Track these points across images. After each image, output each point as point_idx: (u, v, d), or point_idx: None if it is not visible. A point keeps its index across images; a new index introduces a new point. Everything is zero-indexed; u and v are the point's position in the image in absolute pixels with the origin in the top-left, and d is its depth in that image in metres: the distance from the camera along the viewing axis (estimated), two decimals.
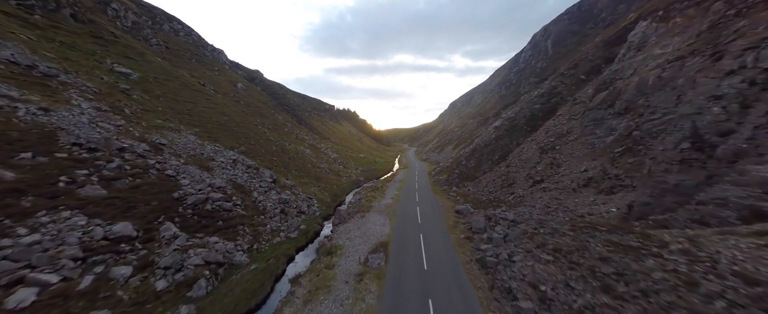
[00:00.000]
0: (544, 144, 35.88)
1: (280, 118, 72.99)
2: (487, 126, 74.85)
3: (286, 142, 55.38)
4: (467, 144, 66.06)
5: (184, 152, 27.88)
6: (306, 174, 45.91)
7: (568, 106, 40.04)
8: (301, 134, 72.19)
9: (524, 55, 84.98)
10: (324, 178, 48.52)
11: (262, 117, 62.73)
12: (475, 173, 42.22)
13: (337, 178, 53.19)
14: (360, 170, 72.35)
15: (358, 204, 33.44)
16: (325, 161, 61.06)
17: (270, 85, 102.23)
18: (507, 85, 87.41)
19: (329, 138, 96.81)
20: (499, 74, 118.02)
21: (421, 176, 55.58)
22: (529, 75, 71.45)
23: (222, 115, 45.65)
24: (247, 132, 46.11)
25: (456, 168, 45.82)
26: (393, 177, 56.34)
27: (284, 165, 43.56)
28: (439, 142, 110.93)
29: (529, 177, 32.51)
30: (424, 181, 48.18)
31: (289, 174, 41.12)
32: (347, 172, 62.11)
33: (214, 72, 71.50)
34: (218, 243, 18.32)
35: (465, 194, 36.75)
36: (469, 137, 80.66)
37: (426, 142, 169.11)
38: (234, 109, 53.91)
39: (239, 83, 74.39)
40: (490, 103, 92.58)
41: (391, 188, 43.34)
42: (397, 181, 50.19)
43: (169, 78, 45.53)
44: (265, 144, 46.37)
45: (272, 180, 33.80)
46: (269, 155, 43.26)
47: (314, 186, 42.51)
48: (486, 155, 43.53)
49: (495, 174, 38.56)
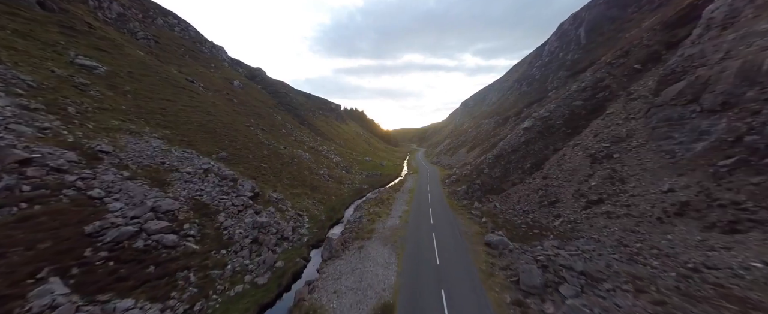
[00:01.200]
0: (595, 150, 28.19)
1: (278, 118, 67.35)
2: (507, 126, 66.86)
3: (282, 145, 49.38)
4: (486, 147, 58.40)
5: (134, 162, 21.91)
6: (301, 182, 39.65)
7: (621, 101, 32.09)
8: (301, 136, 66.27)
9: (549, 47, 76.26)
10: (322, 187, 42.14)
11: (257, 117, 57.08)
12: (501, 185, 34.79)
13: (337, 187, 46.76)
14: (365, 175, 65.80)
15: (357, 226, 26.76)
16: (325, 166, 54.78)
17: (272, 83, 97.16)
18: (528, 81, 78.87)
19: (333, 139, 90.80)
20: (518, 70, 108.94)
21: (433, 184, 48.42)
22: (557, 68, 62.99)
23: (206, 115, 39.97)
24: (235, 134, 40.26)
25: (477, 178, 38.48)
26: (401, 186, 49.44)
27: (275, 173, 37.42)
28: (452, 144, 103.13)
29: (580, 195, 24.97)
30: (437, 192, 41.06)
31: (278, 185, 34.91)
32: (350, 178, 55.65)
33: (210, 69, 66.56)
34: (132, 310, 11.94)
35: (491, 213, 29.47)
36: (486, 139, 72.79)
37: (436, 142, 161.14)
38: (224, 108, 48.33)
39: (236, 81, 69.21)
40: (509, 101, 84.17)
41: (398, 201, 36.47)
42: (406, 191, 43.25)
43: (149, 73, 40.19)
44: (254, 148, 40.40)
45: (253, 193, 27.57)
46: (257, 161, 37.20)
47: (308, 198, 36.14)
48: (514, 162, 36.00)
49: (529, 188, 31.07)
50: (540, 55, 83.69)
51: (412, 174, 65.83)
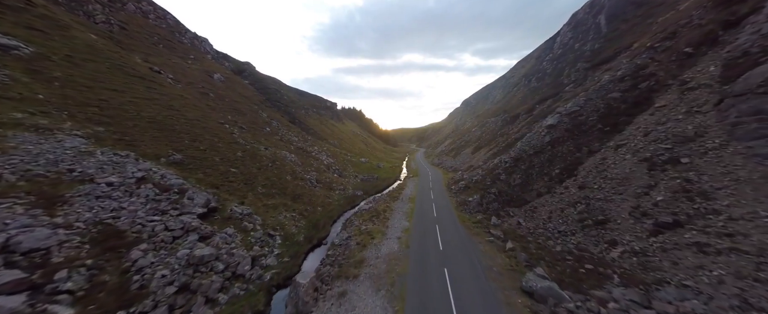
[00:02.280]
0: (651, 153, 21.81)
1: (264, 115, 60.67)
2: (517, 124, 60.56)
3: (262, 146, 42.75)
4: (497, 147, 52.03)
5: (18, 170, 15.29)
6: (280, 190, 33.07)
7: (674, 92, 25.76)
8: (289, 135, 59.61)
9: (561, 39, 70.03)
10: (306, 196, 35.57)
11: (237, 113, 50.42)
12: (523, 195, 28.38)
13: (326, 194, 40.21)
14: (360, 179, 59.26)
15: (341, 254, 20.24)
16: (314, 169, 48.20)
17: (261, 78, 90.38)
18: (538, 76, 72.63)
19: (327, 139, 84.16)
20: (524, 66, 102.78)
21: (437, 191, 41.97)
22: (573, 60, 56.72)
23: (165, 109, 33.30)
24: (201, 132, 33.63)
25: (492, 186, 32.04)
26: (400, 192, 42.95)
27: (247, 180, 30.82)
28: (454, 144, 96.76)
29: (642, 214, 18.57)
30: (443, 202, 34.60)
31: (249, 194, 28.31)
32: (343, 183, 49.11)
33: (188, 60, 59.78)
34: None
35: (516, 234, 23.04)
36: (493, 138, 66.49)
37: (436, 142, 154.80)
38: (194, 102, 41.67)
39: (217, 74, 62.45)
40: (517, 98, 77.89)
41: (397, 214, 29.98)
42: (406, 200, 36.76)
43: (96, 59, 33.44)
44: (225, 148, 33.78)
45: (206, 209, 20.99)
46: (226, 165, 30.59)
47: (287, 210, 29.59)
48: (538, 167, 29.61)
49: (561, 200, 24.66)
50: (550, 48, 77.46)
51: (412, 178, 59.37)
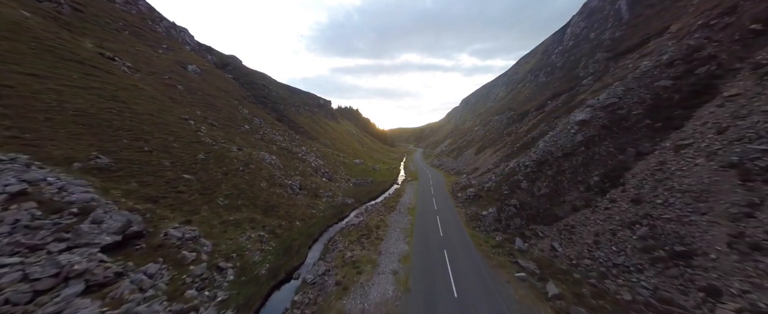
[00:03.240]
0: (739, 157, 15.93)
1: (245, 111, 54.16)
2: (526, 121, 54.85)
3: (235, 146, 36.36)
4: (507, 147, 46.17)
5: None
6: (249, 201, 26.80)
7: (746, 77, 20.00)
8: (273, 134, 53.20)
9: (572, 29, 64.49)
10: (284, 206, 29.34)
11: (209, 108, 43.94)
12: (552, 208, 22.44)
13: (310, 203, 33.98)
14: (352, 183, 53.08)
15: (314, 300, 14.06)
16: (298, 173, 41.93)
17: (247, 73, 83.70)
18: (546, 70, 67.03)
19: (318, 138, 77.81)
20: (529, 61, 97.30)
21: (440, 199, 35.97)
22: (590, 51, 51.09)
23: (105, 101, 26.83)
24: (151, 129, 27.21)
25: (511, 196, 26.05)
26: (398, 200, 36.86)
27: (206, 189, 24.49)
28: (455, 144, 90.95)
29: (752, 247, 12.65)
30: (449, 215, 28.60)
31: (203, 208, 21.99)
32: (332, 189, 42.91)
33: (158, 50, 53.07)
34: None
35: (554, 267, 17.09)
36: (499, 137, 60.76)
37: (434, 142, 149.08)
38: (153, 93, 35.16)
39: (193, 65, 55.82)
40: (523, 94, 72.25)
41: (393, 232, 23.88)
42: (404, 211, 30.69)
43: (19, 38, 26.82)
44: (181, 149, 27.41)
45: (121, 236, 14.71)
46: (178, 169, 24.23)
47: (255, 227, 23.33)
48: (570, 172, 23.69)
49: (610, 219, 18.73)
50: (560, 40, 71.94)
51: (410, 182, 53.32)
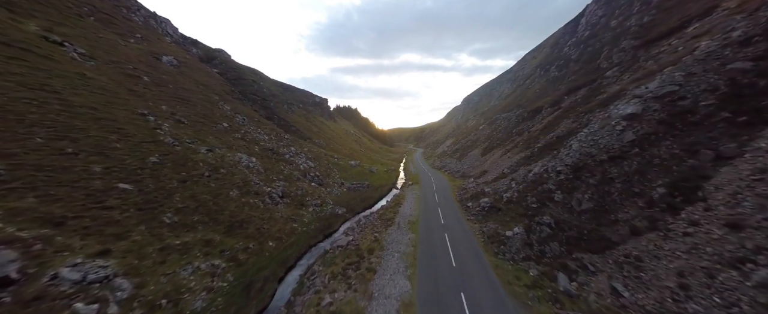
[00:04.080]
0: None
1: (226, 108, 48.57)
2: (539, 119, 49.43)
3: (205, 147, 30.79)
4: (518, 147, 40.69)
5: None
6: (209, 216, 21.24)
7: None
8: (257, 133, 47.62)
9: (587, 19, 59.13)
10: (257, 221, 23.79)
11: (180, 103, 38.36)
12: (599, 227, 16.96)
13: (292, 214, 28.43)
14: (346, 187, 47.55)
15: None
16: (282, 177, 36.40)
17: (236, 68, 78.08)
18: (559, 64, 61.64)
19: (311, 138, 72.26)
20: (536, 56, 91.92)
21: (447, 210, 30.46)
22: (612, 39, 45.67)
23: (26, 90, 21.25)
24: (86, 126, 21.64)
25: (541, 210, 20.56)
26: (396, 210, 31.33)
27: (150, 201, 18.93)
28: (458, 144, 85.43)
29: None
30: (461, 234, 23.04)
31: (138, 229, 16.41)
32: (321, 196, 37.35)
33: (129, 39, 47.44)
34: None
35: None
36: (508, 137, 55.31)
37: (435, 142, 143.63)
38: (105, 85, 29.57)
39: (168, 56, 50.22)
40: (533, 90, 66.83)
41: (390, 258, 18.34)
42: (404, 227, 25.14)
43: None
44: (125, 151, 21.84)
45: None
46: (112, 177, 18.66)
47: (209, 252, 17.78)
48: (621, 181, 18.21)
49: (695, 250, 13.22)
50: (572, 32, 66.57)
51: (411, 186, 47.80)
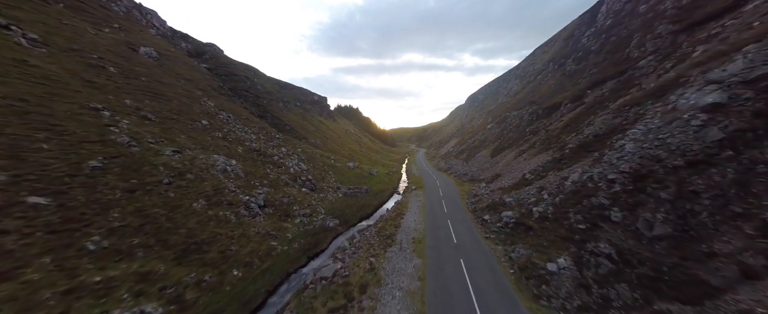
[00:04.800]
0: None
1: (210, 104, 43.90)
2: (558, 116, 44.25)
3: (171, 148, 26.04)
4: (553, 150, 35.60)
5: None
6: (157, 237, 16.45)
7: None
8: (242, 132, 42.89)
9: (609, 6, 53.81)
10: (222, 240, 18.99)
11: (152, 98, 33.68)
12: (685, 262, 11.95)
13: (273, 228, 23.58)
14: (342, 193, 42.70)
15: None
16: (266, 182, 31.58)
17: (227, 63, 73.54)
18: (576, 56, 56.42)
19: (307, 138, 67.51)
20: (547, 51, 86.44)
21: (459, 224, 25.48)
22: (642, 26, 40.40)
23: None
24: (10, 121, 17.01)
25: (594, 234, 15.58)
26: (398, 223, 26.36)
27: (75, 220, 14.15)
28: (464, 144, 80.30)
29: None
30: (483, 263, 18.08)
31: (41, 262, 11.65)
32: (311, 203, 32.52)
33: (104, 28, 42.99)
34: None
35: None
36: (521, 136, 50.19)
37: (438, 142, 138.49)
38: (52, 74, 24.93)
39: (147, 48, 45.63)
40: (547, 86, 61.57)
41: (389, 300, 13.43)
42: (408, 247, 20.19)
43: None
44: (51, 154, 17.12)
45: None
46: (17, 189, 13.90)
47: (144, 292, 12.95)
48: (712, 196, 13.19)
49: None
50: (589, 22, 61.26)
51: (415, 192, 42.85)
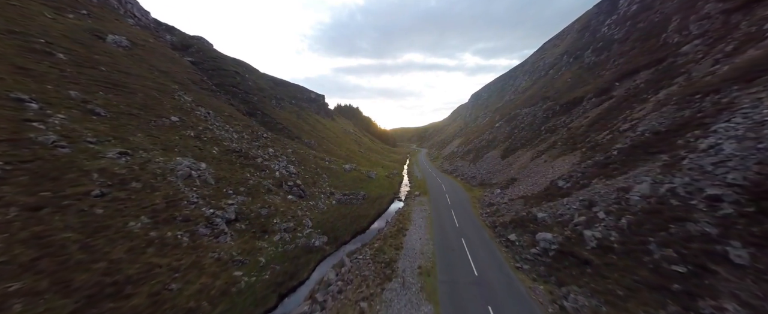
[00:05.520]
0: None
1: (187, 99, 38.80)
2: (580, 112, 38.95)
3: (116, 149, 20.91)
4: (590, 151, 30.37)
5: None
6: (54, 277, 11.32)
7: None
8: (222, 130, 37.72)
9: None
10: (159, 277, 13.81)
11: (108, 90, 28.55)
12: None
13: (239, 252, 18.42)
14: (335, 200, 37.53)
15: None
16: (241, 190, 26.41)
17: (216, 58, 68.46)
18: (596, 47, 51.11)
19: (300, 137, 62.39)
20: (558, 44, 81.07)
21: (477, 243, 20.33)
22: (680, 7, 34.90)
23: None
24: None
25: (708, 284, 10.46)
26: (401, 241, 21.15)
27: None
28: (470, 145, 74.98)
29: None
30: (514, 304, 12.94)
31: None
32: (298, 214, 27.39)
33: (68, 14, 37.98)
34: None
35: None
36: (536, 135, 44.93)
37: (440, 142, 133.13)
38: None
39: (116, 36, 40.58)
40: (561, 80, 56.25)
41: None
42: (414, 281, 14.98)
43: None
44: None
45: None
46: None
47: None
48: None
49: None
50: (609, 10, 55.88)
51: (419, 198, 37.64)
